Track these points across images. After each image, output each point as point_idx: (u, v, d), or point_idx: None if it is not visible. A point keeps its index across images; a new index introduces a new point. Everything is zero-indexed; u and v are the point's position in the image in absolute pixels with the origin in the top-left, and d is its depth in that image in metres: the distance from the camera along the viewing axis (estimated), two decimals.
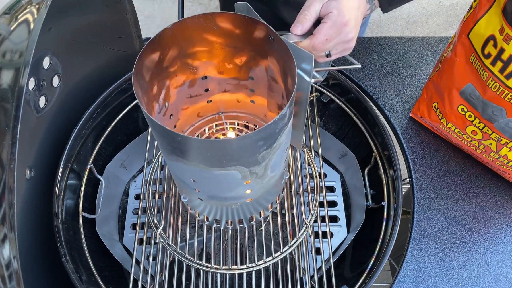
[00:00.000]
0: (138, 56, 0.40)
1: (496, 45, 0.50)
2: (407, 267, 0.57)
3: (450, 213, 0.61)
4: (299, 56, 0.42)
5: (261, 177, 0.46)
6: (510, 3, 0.47)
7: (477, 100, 0.55)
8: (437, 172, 0.64)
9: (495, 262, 0.58)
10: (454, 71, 0.57)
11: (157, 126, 0.38)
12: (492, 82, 0.51)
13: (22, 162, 0.50)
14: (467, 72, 0.55)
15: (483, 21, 0.51)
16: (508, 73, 0.49)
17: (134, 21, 0.69)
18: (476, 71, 0.54)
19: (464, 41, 0.55)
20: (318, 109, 0.73)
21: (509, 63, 0.49)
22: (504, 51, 0.49)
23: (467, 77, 0.55)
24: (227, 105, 0.60)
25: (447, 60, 0.59)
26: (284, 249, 0.59)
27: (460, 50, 0.56)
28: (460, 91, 0.57)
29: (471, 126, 0.58)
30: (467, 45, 0.54)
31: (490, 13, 0.50)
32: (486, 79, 0.52)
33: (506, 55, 0.49)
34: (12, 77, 0.43)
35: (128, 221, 0.71)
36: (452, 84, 0.58)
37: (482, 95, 0.54)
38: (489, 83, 0.52)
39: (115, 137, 0.73)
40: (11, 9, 0.49)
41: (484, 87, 0.53)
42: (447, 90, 0.60)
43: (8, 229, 0.39)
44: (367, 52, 0.75)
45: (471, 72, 0.55)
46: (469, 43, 0.54)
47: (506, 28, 0.48)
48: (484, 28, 0.51)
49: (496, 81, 0.51)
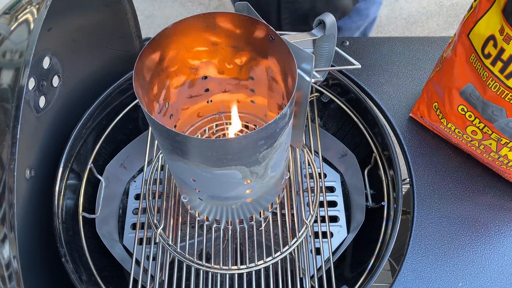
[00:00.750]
0: (138, 56, 0.40)
1: (496, 45, 0.50)
2: (407, 267, 0.57)
3: (450, 213, 0.61)
4: (299, 56, 0.42)
5: (261, 177, 0.46)
6: (510, 3, 0.47)
7: (477, 100, 0.55)
8: (437, 172, 0.64)
9: (495, 262, 0.58)
10: (454, 71, 0.57)
11: (158, 125, 0.38)
12: (492, 82, 0.51)
13: (22, 162, 0.50)
14: (467, 72, 0.55)
15: (483, 21, 0.51)
16: (508, 73, 0.49)
17: (134, 21, 0.69)
18: (476, 71, 0.54)
19: (464, 41, 0.55)
20: (318, 109, 0.74)
21: (509, 63, 0.49)
22: (504, 51, 0.49)
23: (467, 77, 0.55)
24: (227, 105, 0.60)
25: (447, 60, 0.59)
26: (284, 249, 0.59)
27: (460, 50, 0.56)
28: (460, 91, 0.57)
29: (471, 126, 0.58)
30: (467, 45, 0.54)
31: (490, 13, 0.50)
32: (486, 79, 0.52)
33: (506, 55, 0.49)
34: (12, 77, 0.43)
35: (128, 221, 0.71)
36: (452, 84, 0.58)
37: (482, 95, 0.54)
38: (489, 83, 0.52)
39: (115, 137, 0.73)
40: (11, 9, 0.49)
41: (484, 87, 0.53)
42: (447, 90, 0.60)
43: (8, 229, 0.39)
44: (367, 52, 0.75)
45: (471, 72, 0.55)
46: (469, 43, 0.54)
47: (506, 28, 0.48)
48: (484, 28, 0.51)
49: (496, 81, 0.51)
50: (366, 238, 0.67)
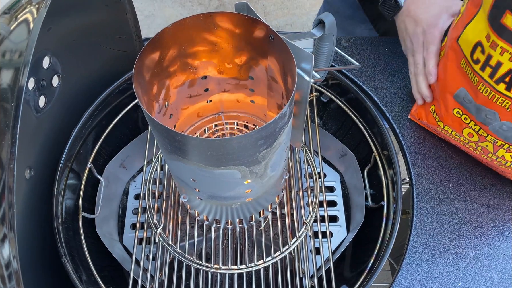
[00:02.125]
0: (138, 56, 0.40)
1: (483, 51, 0.49)
2: (406, 267, 0.57)
3: (450, 213, 0.61)
4: (299, 55, 0.42)
5: (261, 177, 0.46)
6: (494, 10, 0.47)
7: (470, 104, 0.55)
8: (437, 172, 0.64)
9: (495, 262, 0.58)
10: (447, 75, 0.57)
11: (158, 125, 0.38)
12: (483, 87, 0.51)
13: (22, 162, 0.50)
14: (458, 77, 0.55)
15: (470, 27, 0.51)
16: (497, 78, 0.49)
17: (134, 21, 0.69)
18: (467, 76, 0.53)
19: (454, 46, 0.54)
20: (318, 109, 0.74)
21: (498, 68, 0.48)
22: (492, 57, 0.48)
23: (459, 81, 0.55)
24: (227, 105, 0.60)
25: (440, 65, 0.59)
26: (284, 249, 0.59)
27: (452, 55, 0.56)
28: (453, 95, 0.57)
29: (467, 128, 0.58)
30: (457, 50, 0.54)
31: (477, 20, 0.50)
32: (477, 84, 0.52)
33: (494, 61, 0.48)
34: (11, 77, 0.43)
35: (127, 221, 0.71)
36: (445, 88, 0.58)
37: (474, 99, 0.54)
38: (480, 88, 0.52)
39: (115, 137, 0.73)
40: (10, 8, 0.49)
41: (476, 92, 0.53)
42: (442, 94, 0.60)
43: (8, 229, 0.39)
44: (367, 52, 0.75)
45: (463, 77, 0.55)
46: (459, 48, 0.54)
47: (492, 35, 0.47)
48: (471, 35, 0.51)
49: (486, 85, 0.51)
50: (366, 238, 0.67)
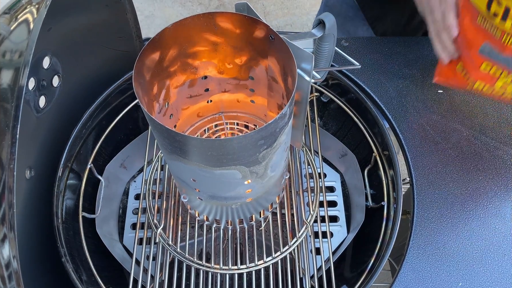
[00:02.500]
0: (138, 56, 0.40)
1: (500, 3, 0.49)
2: (407, 267, 0.57)
3: (450, 213, 0.61)
4: (299, 55, 0.42)
5: (261, 177, 0.46)
6: None
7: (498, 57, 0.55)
8: (437, 172, 0.64)
9: (495, 262, 0.58)
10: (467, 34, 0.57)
11: (158, 125, 0.38)
12: (508, 38, 0.51)
13: (22, 162, 0.50)
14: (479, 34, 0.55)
15: None
16: None
17: (134, 21, 0.69)
18: (488, 32, 0.53)
19: (467, 5, 0.54)
20: (318, 109, 0.73)
21: None
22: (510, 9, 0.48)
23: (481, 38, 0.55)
24: (227, 105, 0.60)
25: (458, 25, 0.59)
26: (284, 249, 0.59)
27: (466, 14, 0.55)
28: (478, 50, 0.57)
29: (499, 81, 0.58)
30: (471, 8, 0.54)
31: None
32: (500, 37, 0.52)
33: None
34: (12, 77, 0.43)
35: (128, 221, 0.71)
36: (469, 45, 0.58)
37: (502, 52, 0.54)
38: (504, 40, 0.52)
39: (115, 137, 0.73)
40: (11, 9, 0.49)
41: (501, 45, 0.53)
42: (466, 51, 0.59)
43: (8, 229, 0.39)
44: (367, 52, 0.75)
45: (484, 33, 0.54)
46: (472, 6, 0.53)
47: None
48: None
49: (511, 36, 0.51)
50: (366, 238, 0.67)
